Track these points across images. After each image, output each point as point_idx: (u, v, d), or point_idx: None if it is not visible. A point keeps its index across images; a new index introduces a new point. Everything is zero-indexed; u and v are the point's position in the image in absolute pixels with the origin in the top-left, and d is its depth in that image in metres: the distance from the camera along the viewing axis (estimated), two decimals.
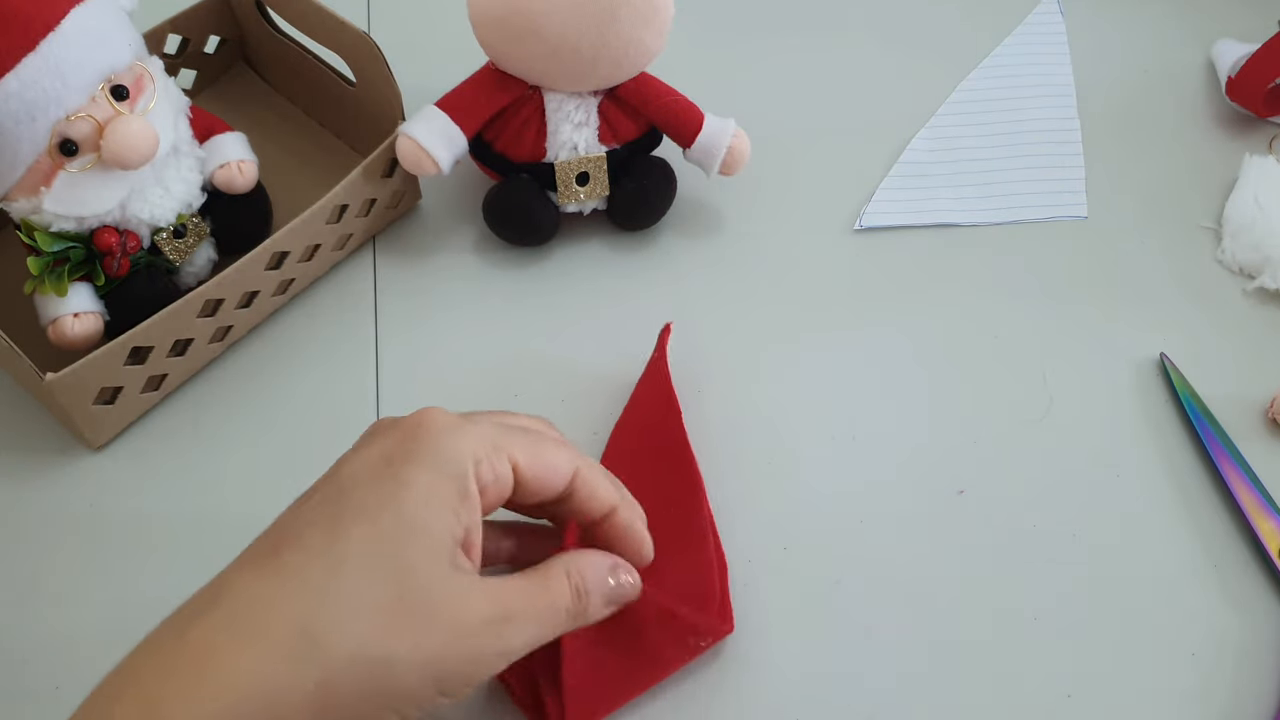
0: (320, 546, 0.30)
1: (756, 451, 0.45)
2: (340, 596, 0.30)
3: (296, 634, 0.29)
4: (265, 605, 0.29)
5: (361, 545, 0.30)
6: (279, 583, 0.30)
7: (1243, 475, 0.44)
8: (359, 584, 0.30)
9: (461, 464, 0.32)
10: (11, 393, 0.47)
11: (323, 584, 0.30)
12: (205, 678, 0.28)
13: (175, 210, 0.45)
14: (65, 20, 0.40)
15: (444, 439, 0.32)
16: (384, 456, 0.32)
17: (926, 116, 0.58)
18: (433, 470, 0.32)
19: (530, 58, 0.45)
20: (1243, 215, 0.52)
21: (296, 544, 0.31)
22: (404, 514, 0.31)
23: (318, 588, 0.30)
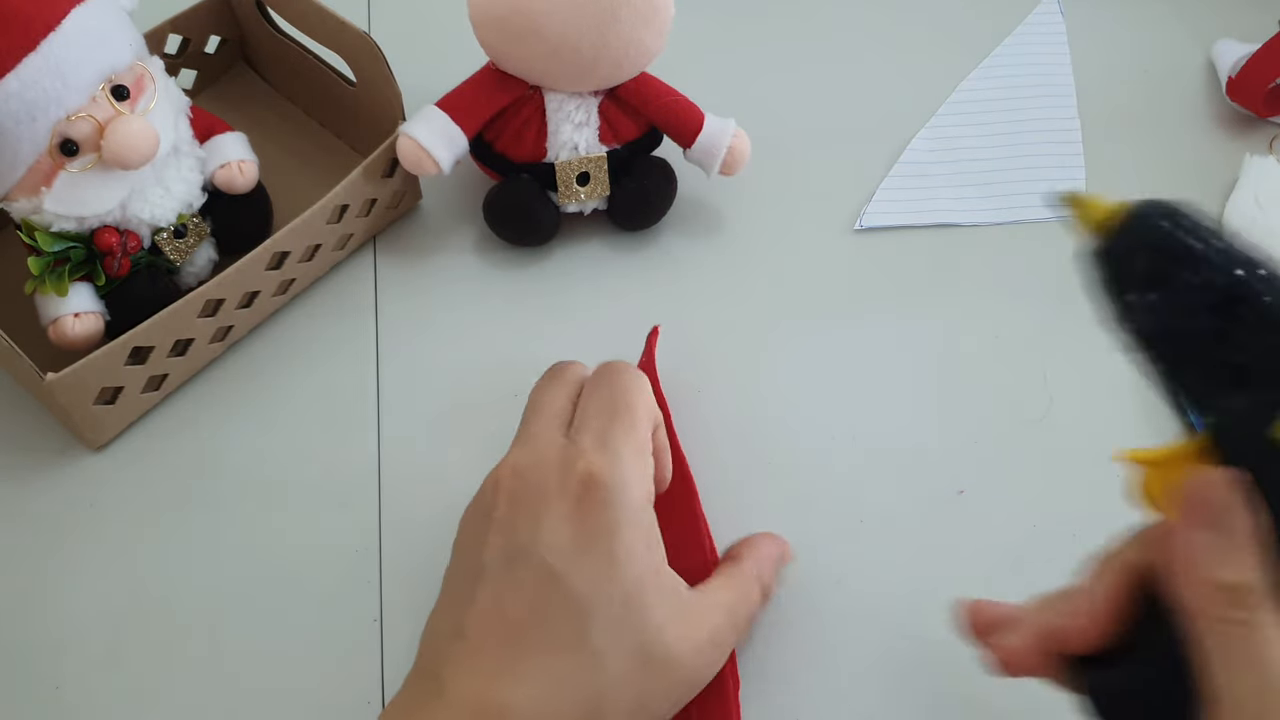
0: (574, 640, 0.31)
1: (756, 451, 0.45)
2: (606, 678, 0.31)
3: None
4: (546, 705, 0.30)
5: (608, 629, 0.31)
6: (554, 683, 0.31)
7: None
8: (615, 662, 0.31)
9: (642, 505, 0.34)
10: (11, 393, 0.47)
11: (586, 671, 0.31)
12: None
13: (176, 210, 0.45)
14: (66, 20, 0.40)
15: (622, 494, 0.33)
16: (578, 531, 0.32)
17: (926, 116, 0.58)
18: (629, 530, 0.33)
19: (530, 58, 0.45)
20: (1243, 215, 0.52)
21: (547, 634, 0.31)
22: (627, 586, 0.32)
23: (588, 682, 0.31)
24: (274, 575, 0.42)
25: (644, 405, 0.36)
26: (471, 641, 0.32)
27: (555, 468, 0.33)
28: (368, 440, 0.45)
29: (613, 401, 0.36)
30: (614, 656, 0.31)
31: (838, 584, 0.42)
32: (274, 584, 0.42)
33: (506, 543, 0.33)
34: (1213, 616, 0.26)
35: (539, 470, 0.34)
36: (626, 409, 0.35)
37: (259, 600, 0.41)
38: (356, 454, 0.45)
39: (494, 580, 0.32)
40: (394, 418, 0.46)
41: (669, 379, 0.47)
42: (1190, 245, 0.26)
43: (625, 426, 0.35)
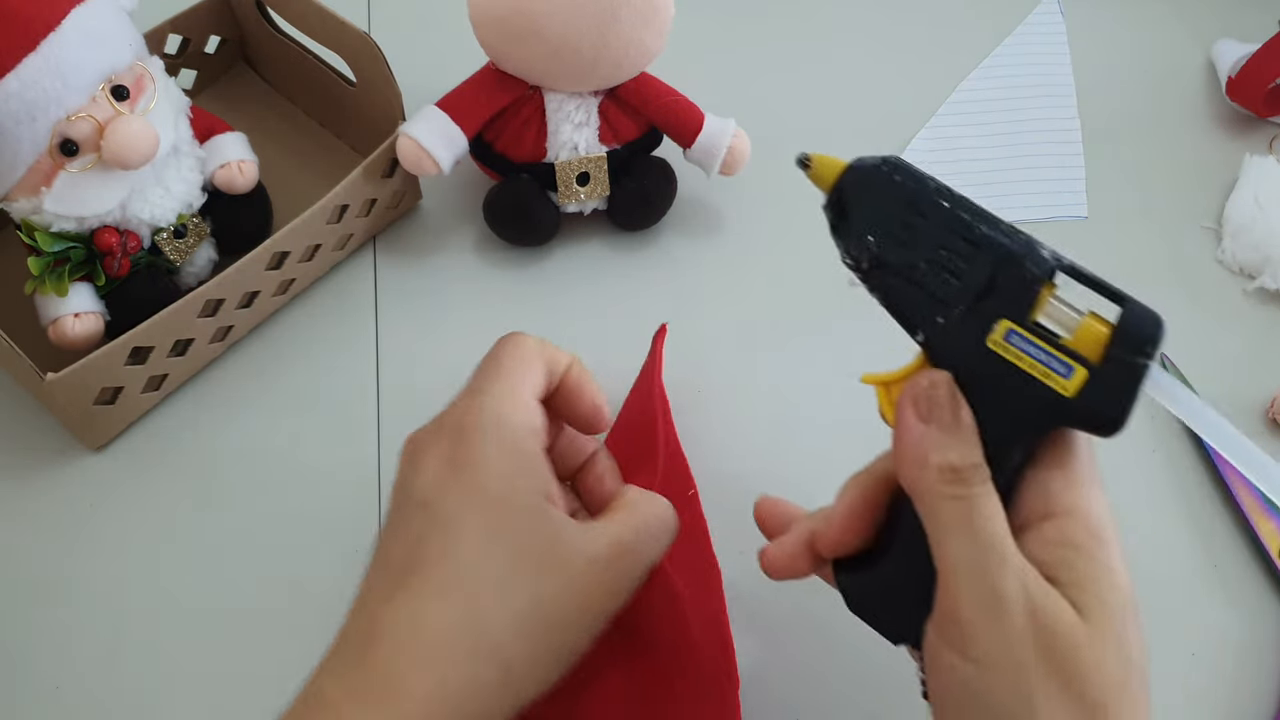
0: (439, 558, 0.32)
1: (756, 451, 0.45)
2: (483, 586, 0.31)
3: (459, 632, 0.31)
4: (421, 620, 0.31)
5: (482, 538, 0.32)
6: (425, 600, 0.31)
7: (1243, 475, 0.44)
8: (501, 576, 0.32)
9: (517, 431, 0.34)
10: (11, 393, 0.47)
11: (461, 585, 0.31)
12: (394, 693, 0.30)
13: (176, 210, 0.45)
14: (66, 20, 0.40)
15: (490, 420, 0.34)
16: (445, 461, 0.33)
17: (926, 116, 0.58)
18: (499, 449, 0.33)
19: (531, 58, 0.45)
20: (1243, 215, 0.53)
21: (425, 565, 0.32)
22: (493, 495, 0.32)
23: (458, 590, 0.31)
24: (274, 575, 0.42)
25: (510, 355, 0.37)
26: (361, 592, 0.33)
27: (435, 421, 0.35)
28: (367, 440, 0.45)
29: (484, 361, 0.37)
30: (490, 567, 0.32)
31: None
32: (274, 584, 0.42)
33: (395, 497, 0.34)
34: (936, 495, 0.30)
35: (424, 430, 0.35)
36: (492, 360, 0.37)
37: (259, 600, 0.41)
38: (356, 454, 0.45)
39: (387, 535, 0.34)
40: (394, 418, 0.46)
41: (669, 378, 0.47)
42: (902, 191, 0.31)
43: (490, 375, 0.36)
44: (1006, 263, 0.30)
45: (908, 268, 0.31)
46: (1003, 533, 0.29)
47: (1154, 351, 0.28)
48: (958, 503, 0.29)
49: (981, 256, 0.30)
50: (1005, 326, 0.29)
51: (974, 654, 0.29)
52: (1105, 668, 0.28)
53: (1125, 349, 0.28)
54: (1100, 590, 0.29)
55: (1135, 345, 0.28)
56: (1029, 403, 0.29)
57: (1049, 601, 0.28)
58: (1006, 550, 0.29)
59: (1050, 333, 0.29)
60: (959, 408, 0.30)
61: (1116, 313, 0.29)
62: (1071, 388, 0.29)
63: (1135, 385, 0.28)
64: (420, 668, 0.30)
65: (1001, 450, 0.30)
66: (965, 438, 0.30)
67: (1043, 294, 0.29)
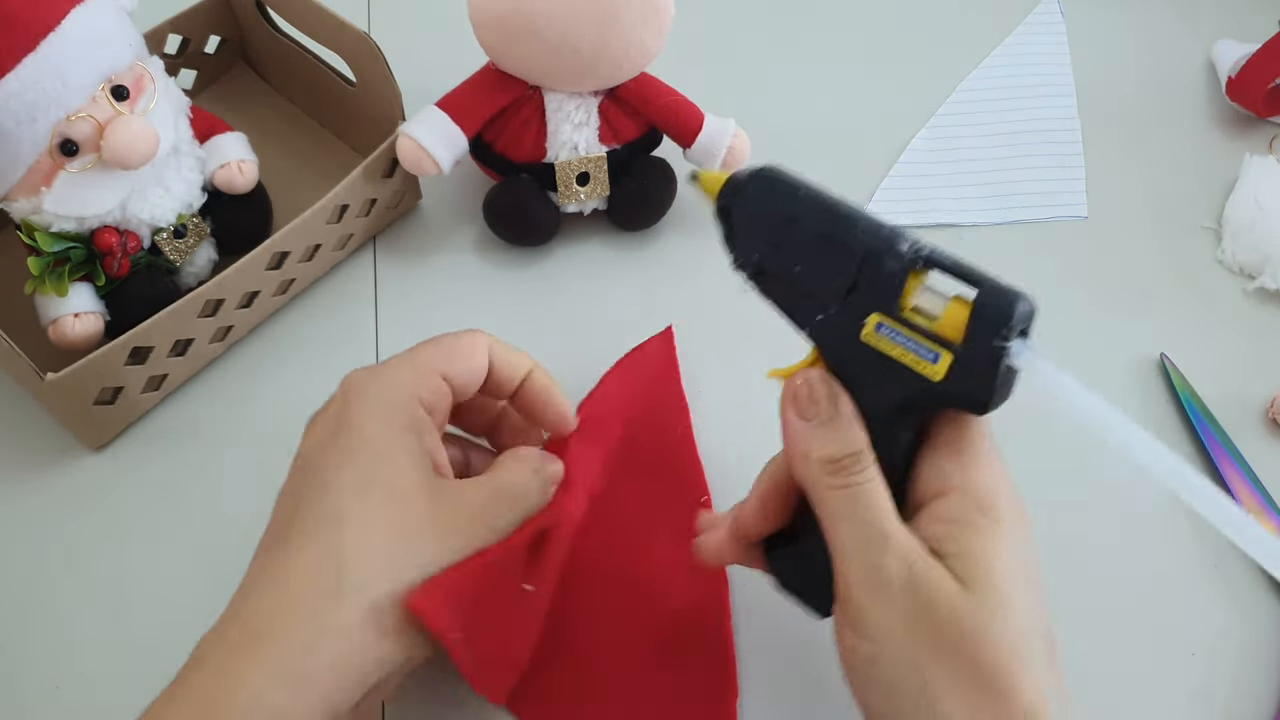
0: (315, 502, 0.33)
1: (757, 451, 0.45)
2: (356, 534, 0.32)
3: (327, 575, 0.31)
4: (298, 571, 0.32)
5: (350, 486, 0.33)
6: (295, 546, 0.32)
7: (1243, 475, 0.44)
8: (363, 514, 0.32)
9: (399, 397, 0.35)
10: (11, 393, 0.47)
11: (336, 536, 0.32)
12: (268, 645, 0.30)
13: (175, 210, 0.45)
14: (65, 20, 0.40)
15: (372, 387, 0.35)
16: (330, 427, 0.35)
17: (926, 116, 0.58)
18: (378, 412, 0.34)
19: (530, 58, 0.45)
20: (1243, 215, 0.53)
21: (298, 520, 0.33)
22: (371, 448, 0.34)
23: (330, 533, 0.32)
24: None
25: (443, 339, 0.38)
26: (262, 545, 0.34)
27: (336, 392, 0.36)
28: None
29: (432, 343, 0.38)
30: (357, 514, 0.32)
31: None
32: None
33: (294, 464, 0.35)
34: (821, 486, 0.31)
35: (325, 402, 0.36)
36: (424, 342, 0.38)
37: None
38: None
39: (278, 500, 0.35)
40: None
41: None
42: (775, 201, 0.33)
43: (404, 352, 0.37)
44: (870, 260, 0.31)
45: (787, 272, 0.32)
46: (884, 515, 0.31)
47: (1010, 332, 0.29)
48: (841, 491, 0.31)
49: (847, 256, 0.31)
50: (875, 320, 0.31)
51: (867, 631, 0.30)
52: (992, 633, 0.29)
53: (982, 331, 0.29)
54: (984, 560, 0.30)
55: (991, 327, 0.29)
56: (905, 389, 0.31)
57: (930, 575, 0.29)
58: (889, 530, 0.30)
59: (919, 322, 0.30)
60: (836, 400, 0.32)
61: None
62: (939, 372, 0.30)
63: (995, 367, 0.29)
64: (282, 611, 0.31)
65: (887, 433, 0.31)
66: (843, 430, 0.31)
67: (910, 285, 0.31)
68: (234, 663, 0.30)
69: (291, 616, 0.31)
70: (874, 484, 0.31)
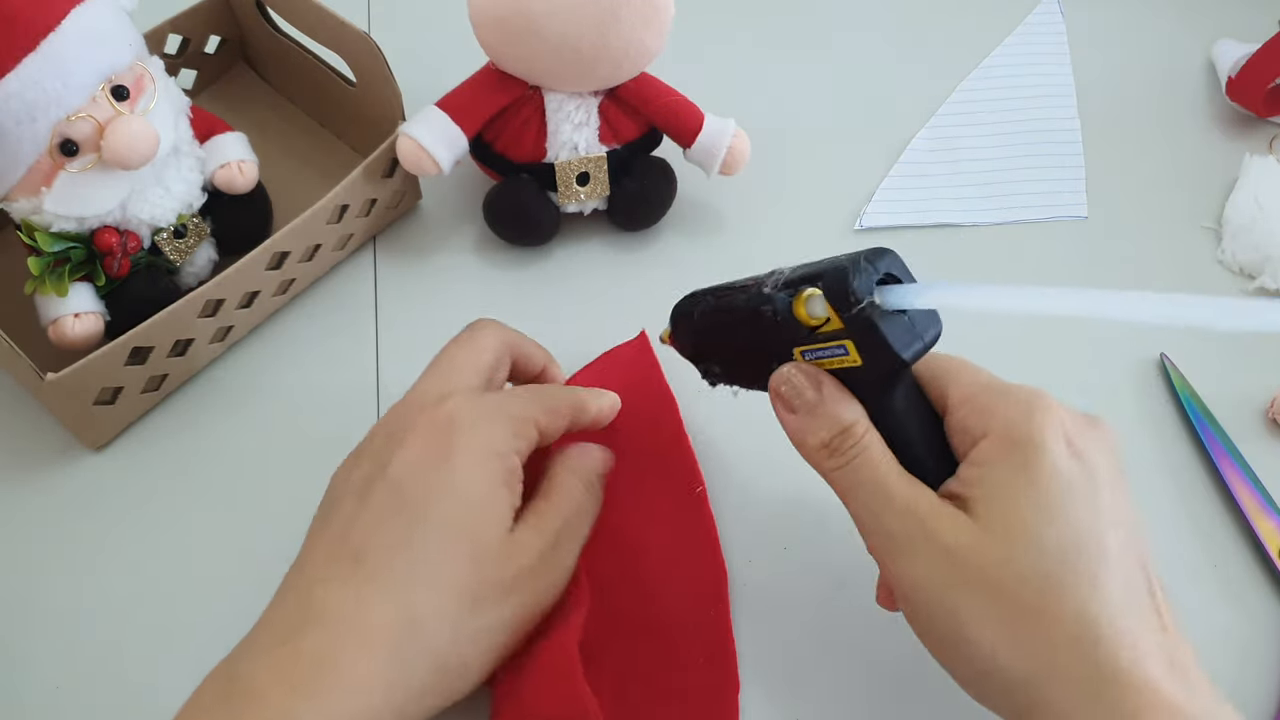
0: (398, 544, 0.33)
1: (757, 451, 0.45)
2: (429, 586, 0.32)
3: (399, 628, 0.31)
4: (363, 609, 0.31)
5: (435, 536, 0.33)
6: (371, 588, 0.32)
7: (1243, 475, 0.44)
8: (441, 571, 0.32)
9: (502, 447, 0.35)
10: (11, 393, 0.47)
11: (410, 579, 0.32)
12: (329, 684, 0.30)
13: (176, 210, 0.45)
14: (65, 20, 0.40)
15: (480, 430, 0.35)
16: (429, 454, 0.34)
17: (926, 116, 0.58)
18: (482, 458, 0.34)
19: (530, 58, 0.45)
20: (1243, 215, 0.53)
21: (374, 547, 0.33)
22: (465, 500, 0.33)
23: (406, 583, 0.32)
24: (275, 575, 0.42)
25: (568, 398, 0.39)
26: (304, 565, 0.33)
27: (429, 406, 0.36)
28: None
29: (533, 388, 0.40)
30: (438, 566, 0.32)
31: (841, 586, 0.42)
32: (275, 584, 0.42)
33: (371, 469, 0.35)
34: (824, 469, 0.33)
35: (410, 409, 0.36)
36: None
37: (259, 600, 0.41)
38: None
39: (344, 508, 0.34)
40: None
41: (669, 378, 0.47)
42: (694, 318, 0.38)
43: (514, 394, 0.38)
44: (761, 313, 0.34)
45: (731, 357, 0.38)
46: (882, 477, 0.32)
47: (857, 295, 0.30)
48: (840, 470, 0.33)
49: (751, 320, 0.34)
50: (798, 352, 0.34)
51: (903, 591, 0.32)
52: (1014, 563, 0.29)
53: (843, 309, 0.31)
54: (1004, 495, 0.30)
55: (845, 303, 0.31)
56: (855, 383, 0.33)
57: (940, 521, 0.31)
58: (890, 491, 0.32)
59: (824, 330, 0.32)
60: (818, 383, 0.33)
61: None
62: (856, 359, 0.32)
63: (875, 328, 0.31)
64: (357, 658, 0.31)
65: (881, 407, 0.33)
66: (828, 410, 0.33)
67: (799, 310, 0.33)
68: (295, 703, 0.30)
69: (360, 662, 0.31)
70: (868, 452, 0.32)
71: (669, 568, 0.41)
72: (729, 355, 0.38)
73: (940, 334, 0.32)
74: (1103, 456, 0.31)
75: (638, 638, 0.39)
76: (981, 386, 0.33)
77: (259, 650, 0.31)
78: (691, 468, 0.43)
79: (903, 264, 0.32)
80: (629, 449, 0.44)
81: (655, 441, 0.44)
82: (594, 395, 0.41)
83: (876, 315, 0.31)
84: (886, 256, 0.32)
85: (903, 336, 0.31)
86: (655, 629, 0.40)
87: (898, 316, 0.31)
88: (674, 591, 0.40)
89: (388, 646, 0.31)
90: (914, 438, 0.33)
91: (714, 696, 0.38)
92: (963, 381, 0.33)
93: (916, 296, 0.30)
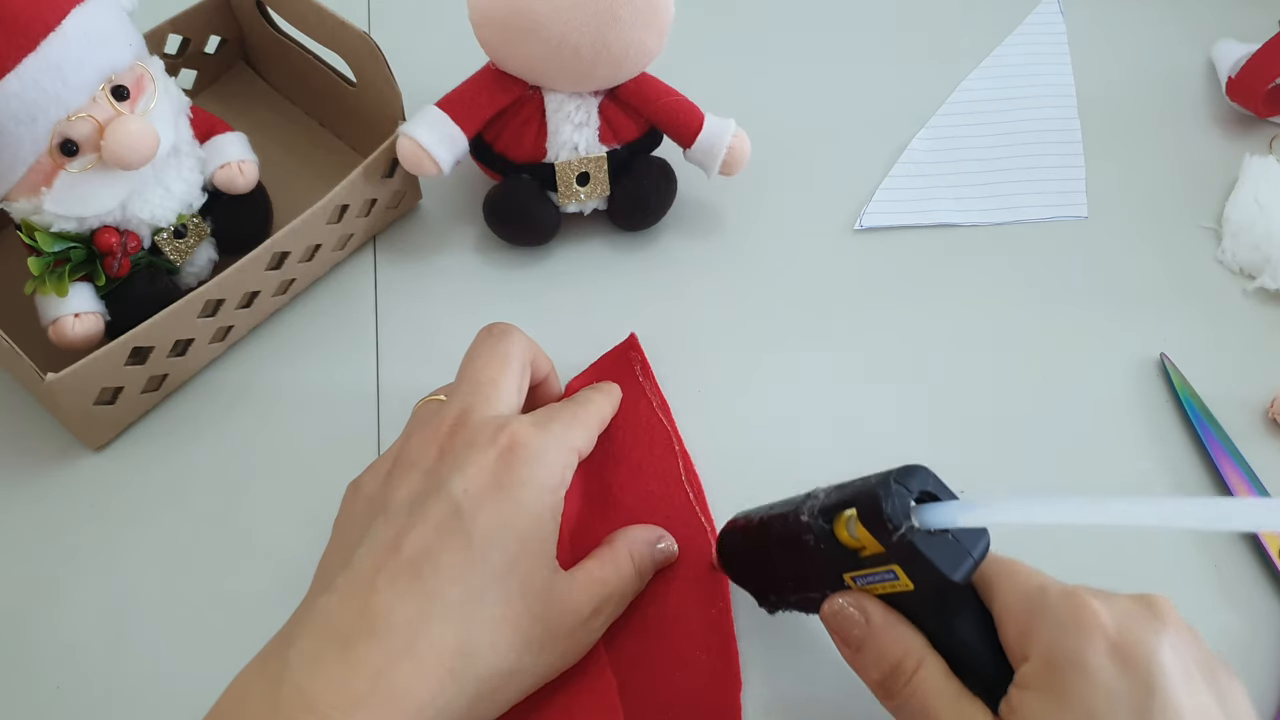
0: (458, 570, 0.32)
1: (757, 451, 0.45)
2: (486, 618, 0.32)
3: (454, 654, 0.31)
4: (422, 628, 0.31)
5: (495, 568, 0.33)
6: (430, 607, 0.32)
7: (1243, 475, 0.44)
8: (497, 605, 0.33)
9: (556, 481, 0.35)
10: (11, 393, 0.47)
11: (468, 606, 0.32)
12: (384, 702, 0.30)
13: (176, 210, 0.45)
14: (66, 20, 0.40)
15: (542, 459, 0.35)
16: (492, 482, 0.34)
17: (926, 116, 0.58)
18: (538, 491, 0.34)
19: (531, 58, 0.45)
20: (1243, 215, 0.53)
21: (435, 567, 0.32)
22: (523, 535, 0.34)
23: (464, 610, 0.32)
24: (275, 575, 0.42)
25: (597, 414, 0.40)
26: (359, 571, 0.33)
27: (490, 428, 0.36)
28: (368, 440, 0.45)
29: (571, 407, 0.39)
30: (495, 600, 0.33)
31: None
32: (274, 584, 0.42)
33: (426, 484, 0.34)
34: (889, 700, 0.32)
35: (467, 428, 0.36)
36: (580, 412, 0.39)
37: (259, 600, 0.41)
38: (357, 454, 0.45)
39: (398, 519, 0.34)
40: (394, 417, 0.46)
41: (669, 378, 0.47)
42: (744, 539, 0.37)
43: (566, 422, 0.38)
44: (805, 541, 0.33)
45: (784, 583, 0.36)
46: (936, 704, 0.30)
47: (897, 521, 0.29)
48: (901, 700, 0.31)
49: (798, 547, 0.33)
50: (848, 578, 0.32)
51: None
52: None
53: (884, 537, 0.30)
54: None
55: (884, 530, 0.30)
56: (915, 607, 0.32)
57: None
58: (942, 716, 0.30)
59: (869, 554, 0.31)
60: (867, 617, 0.32)
61: None
62: (908, 583, 0.30)
63: (917, 552, 0.29)
64: (414, 680, 0.31)
65: (940, 630, 0.32)
66: (878, 650, 0.32)
67: (841, 534, 0.31)
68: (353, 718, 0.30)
69: (416, 685, 0.31)
70: (921, 687, 0.31)
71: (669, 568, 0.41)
72: (781, 583, 0.36)
73: (989, 545, 0.30)
74: (1166, 652, 0.29)
75: (639, 637, 0.39)
76: (1024, 598, 0.31)
77: (311, 656, 0.31)
78: (688, 467, 0.44)
79: (936, 478, 0.31)
80: (622, 449, 0.44)
81: (650, 443, 0.44)
82: (608, 399, 0.42)
83: (917, 538, 0.29)
84: (918, 474, 0.31)
85: (949, 557, 0.29)
86: (655, 628, 0.40)
87: (940, 535, 0.29)
88: (673, 591, 0.40)
89: (444, 672, 0.31)
90: (977, 652, 0.31)
91: (716, 694, 0.38)
92: (1006, 592, 0.31)
93: (957, 515, 0.29)
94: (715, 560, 0.40)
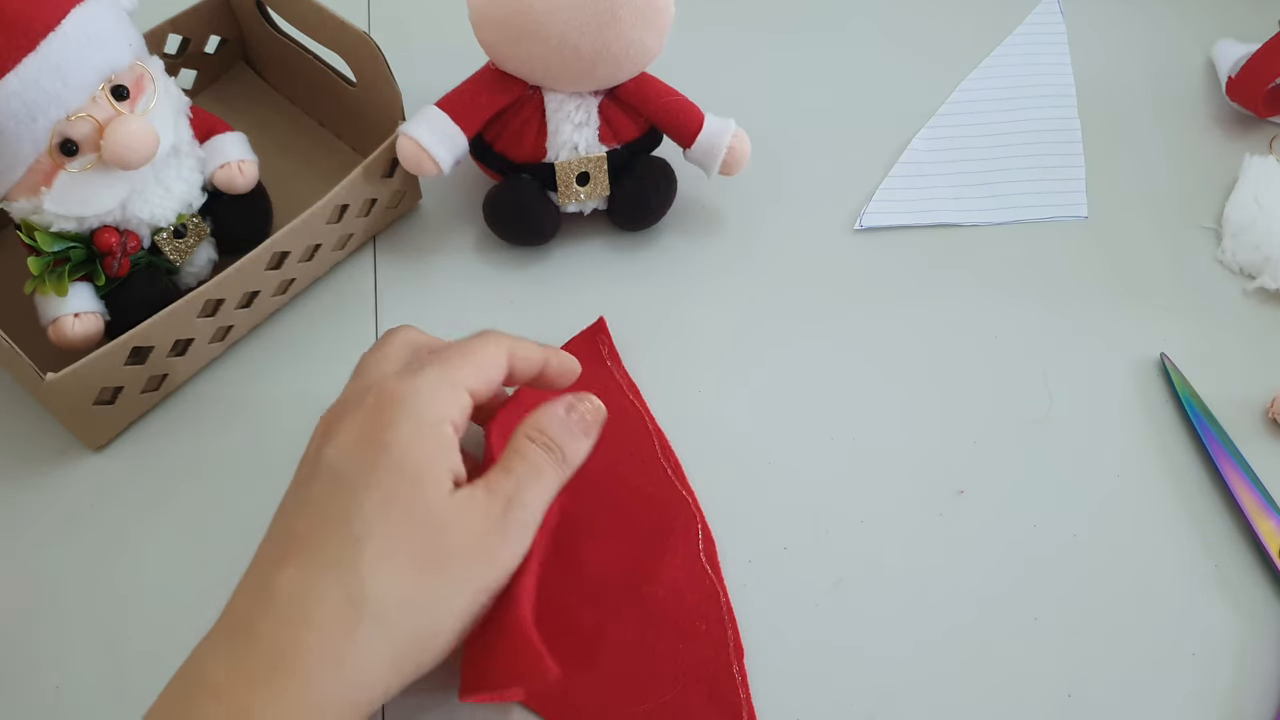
0: (337, 523, 0.33)
1: (757, 451, 0.45)
2: (368, 558, 0.32)
3: (349, 607, 0.31)
4: (314, 592, 0.32)
5: (373, 508, 0.33)
6: (317, 569, 0.32)
7: (1243, 475, 0.44)
8: (384, 544, 0.32)
9: (433, 418, 0.34)
10: (11, 393, 0.47)
11: (349, 552, 0.32)
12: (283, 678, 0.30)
13: (175, 210, 0.45)
14: (65, 20, 0.40)
15: (412, 401, 0.35)
16: (362, 434, 0.34)
17: (926, 116, 0.58)
18: (412, 434, 0.34)
19: (531, 58, 0.45)
20: (1243, 215, 0.53)
21: (319, 529, 0.33)
22: (399, 469, 0.33)
23: (350, 560, 0.32)
24: None
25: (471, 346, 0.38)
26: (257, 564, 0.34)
27: (357, 393, 0.36)
28: None
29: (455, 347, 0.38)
30: (377, 535, 0.32)
31: (837, 584, 0.42)
32: None
33: (310, 469, 0.35)
34: None
35: (344, 402, 0.36)
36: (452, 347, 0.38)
37: None
38: None
39: (289, 505, 0.35)
40: None
41: (669, 378, 0.47)
42: None
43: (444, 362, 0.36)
44: None
45: None
46: None
47: None
48: None
49: None
50: None
51: None
52: None
53: None
54: None
55: None
56: None
57: None
58: None
59: None
60: None
61: None
62: None
63: None
64: (309, 642, 0.31)
65: None
66: None
67: None
68: (253, 699, 0.30)
69: (313, 652, 0.31)
70: None
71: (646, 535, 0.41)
72: None
73: None
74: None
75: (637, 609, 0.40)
76: None
77: (216, 641, 0.32)
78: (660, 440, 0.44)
79: None
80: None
81: (620, 419, 0.45)
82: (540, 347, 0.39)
83: None
84: None
85: None
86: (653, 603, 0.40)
87: None
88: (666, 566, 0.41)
89: (336, 627, 0.31)
90: None
91: (722, 662, 0.39)
92: None
93: None
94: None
